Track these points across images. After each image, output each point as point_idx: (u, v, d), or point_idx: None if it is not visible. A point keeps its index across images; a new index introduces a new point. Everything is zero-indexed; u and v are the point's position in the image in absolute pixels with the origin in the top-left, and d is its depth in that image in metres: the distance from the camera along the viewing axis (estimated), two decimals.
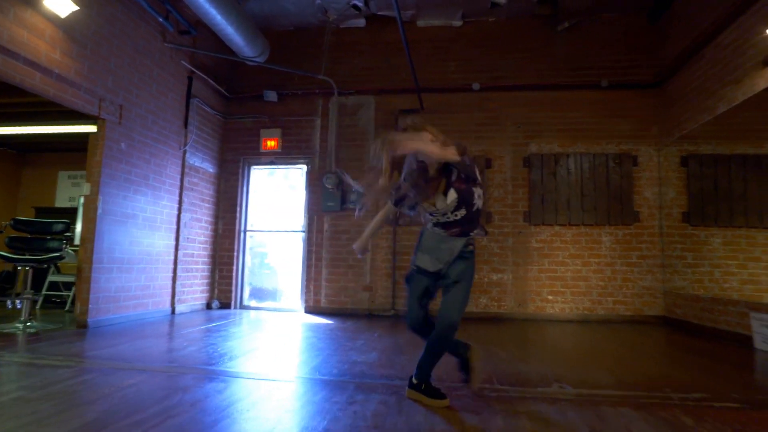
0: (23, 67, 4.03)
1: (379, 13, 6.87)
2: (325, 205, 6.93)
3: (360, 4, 6.59)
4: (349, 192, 6.88)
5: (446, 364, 3.48)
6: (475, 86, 6.85)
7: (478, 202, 2.47)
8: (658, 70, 6.41)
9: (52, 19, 4.27)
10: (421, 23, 7.03)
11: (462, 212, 2.44)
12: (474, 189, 2.44)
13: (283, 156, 7.25)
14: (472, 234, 2.53)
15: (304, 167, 7.24)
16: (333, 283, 6.90)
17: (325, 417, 2.19)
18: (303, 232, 7.12)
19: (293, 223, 7.34)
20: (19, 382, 2.68)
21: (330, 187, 6.87)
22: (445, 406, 2.40)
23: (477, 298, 6.53)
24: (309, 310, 6.83)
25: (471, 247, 2.53)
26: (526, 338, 4.93)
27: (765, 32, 4.32)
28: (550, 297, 6.44)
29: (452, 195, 2.41)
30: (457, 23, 7.00)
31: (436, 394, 2.49)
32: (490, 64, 6.93)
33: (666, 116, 6.28)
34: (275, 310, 7.06)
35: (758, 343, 4.37)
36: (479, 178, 2.47)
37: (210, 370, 3.13)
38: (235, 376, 3.02)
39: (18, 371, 2.96)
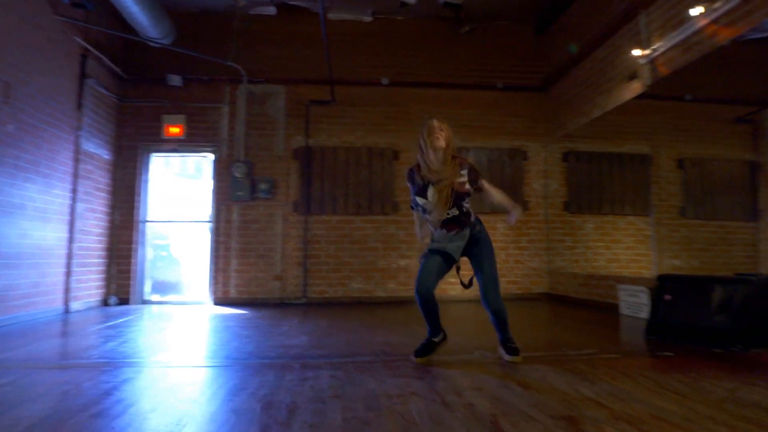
0: None
1: (290, 2, 6.87)
2: (234, 194, 6.80)
3: None
4: (259, 182, 6.82)
5: (383, 344, 3.77)
6: (384, 81, 7.18)
7: (466, 206, 2.96)
8: (545, 76, 7.27)
9: None
10: (332, 16, 7.14)
11: (455, 211, 2.92)
12: (466, 196, 2.94)
13: (188, 143, 6.96)
14: (471, 220, 2.98)
15: (211, 155, 7.01)
16: (243, 274, 6.82)
17: (287, 392, 2.32)
18: (210, 222, 6.91)
19: (198, 213, 7.08)
20: None
21: (239, 176, 6.75)
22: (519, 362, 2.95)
23: (385, 283, 6.91)
24: (218, 302, 6.68)
25: (477, 228, 3.02)
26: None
27: (630, 53, 5.18)
28: (452, 279, 6.92)
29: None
30: (368, 19, 7.24)
31: (515, 351, 3.01)
32: (398, 60, 7.29)
33: (551, 117, 7.17)
34: (180, 303, 6.79)
35: (623, 310, 5.28)
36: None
37: (144, 363, 3.05)
38: (173, 365, 2.99)
39: None
